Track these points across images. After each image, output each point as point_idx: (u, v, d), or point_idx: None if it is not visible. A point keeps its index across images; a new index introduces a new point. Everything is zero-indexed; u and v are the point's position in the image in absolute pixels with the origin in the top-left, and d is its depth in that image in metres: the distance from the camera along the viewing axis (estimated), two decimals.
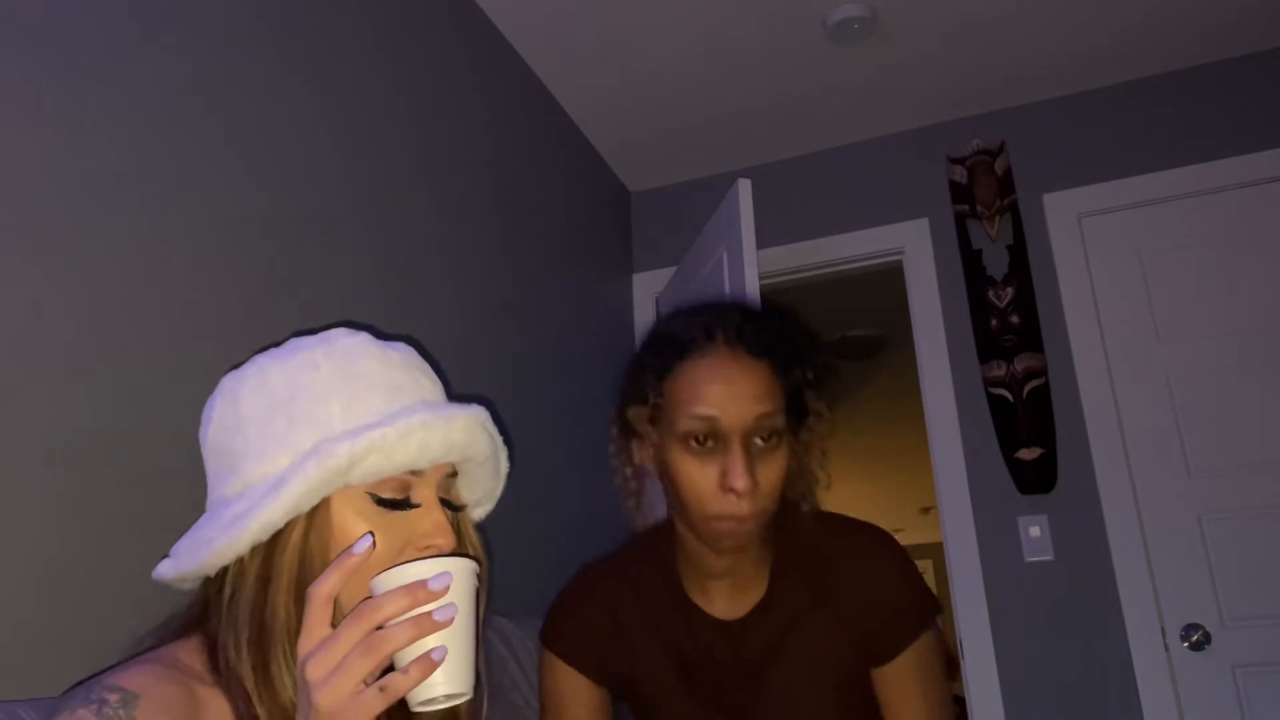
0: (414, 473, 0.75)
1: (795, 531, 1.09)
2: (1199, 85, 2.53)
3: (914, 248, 2.70)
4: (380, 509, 0.73)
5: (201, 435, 0.79)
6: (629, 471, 1.06)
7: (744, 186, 2.23)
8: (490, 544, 0.88)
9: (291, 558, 0.71)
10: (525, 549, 1.88)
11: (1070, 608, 2.33)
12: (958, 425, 2.53)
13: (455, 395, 0.85)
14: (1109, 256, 2.53)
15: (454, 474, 0.80)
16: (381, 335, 0.83)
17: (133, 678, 0.66)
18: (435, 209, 1.83)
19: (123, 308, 1.08)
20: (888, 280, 2.83)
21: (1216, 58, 2.52)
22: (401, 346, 0.82)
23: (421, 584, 0.59)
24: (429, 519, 0.75)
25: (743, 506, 0.93)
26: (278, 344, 0.81)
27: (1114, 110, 2.60)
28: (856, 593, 1.06)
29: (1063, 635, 2.32)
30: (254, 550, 0.71)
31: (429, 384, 0.81)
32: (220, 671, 0.70)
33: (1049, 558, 2.37)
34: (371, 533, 0.69)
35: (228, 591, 0.72)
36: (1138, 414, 2.40)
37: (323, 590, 0.60)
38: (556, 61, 2.36)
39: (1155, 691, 2.20)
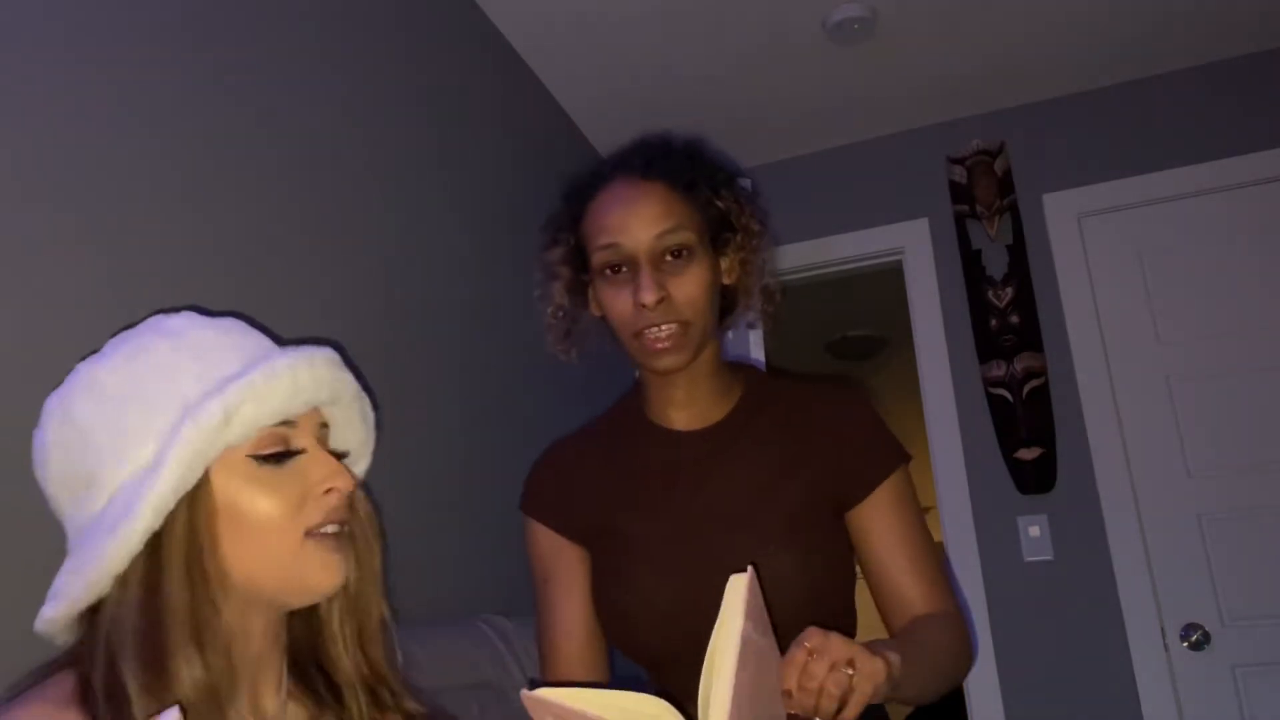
0: (287, 423, 0.72)
1: (767, 380, 1.14)
2: (1199, 85, 2.53)
3: (914, 248, 2.70)
4: (266, 467, 0.70)
5: (40, 476, 0.72)
6: (550, 309, 1.13)
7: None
8: (379, 506, 0.86)
9: (178, 547, 0.66)
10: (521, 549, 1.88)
11: (1070, 608, 2.33)
12: (957, 425, 2.53)
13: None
14: (1109, 256, 2.53)
15: (325, 425, 0.77)
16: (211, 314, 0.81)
17: (13, 714, 0.62)
18: (433, 207, 1.83)
19: (116, 306, 1.08)
20: (888, 280, 2.82)
21: (1216, 58, 2.52)
22: (230, 319, 0.79)
23: None
24: (321, 464, 0.72)
25: (655, 317, 0.98)
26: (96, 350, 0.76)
27: (1114, 110, 2.60)
28: (829, 431, 1.08)
29: (1062, 635, 2.32)
30: (134, 561, 0.66)
31: (268, 342, 0.77)
32: (90, 700, 0.63)
33: (1049, 558, 2.37)
34: (299, 481, 0.65)
35: (108, 605, 0.66)
36: (1138, 414, 2.40)
37: None
38: (554, 60, 2.36)
39: (1155, 691, 2.20)
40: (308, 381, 0.72)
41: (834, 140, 2.85)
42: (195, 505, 0.68)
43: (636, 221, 1.00)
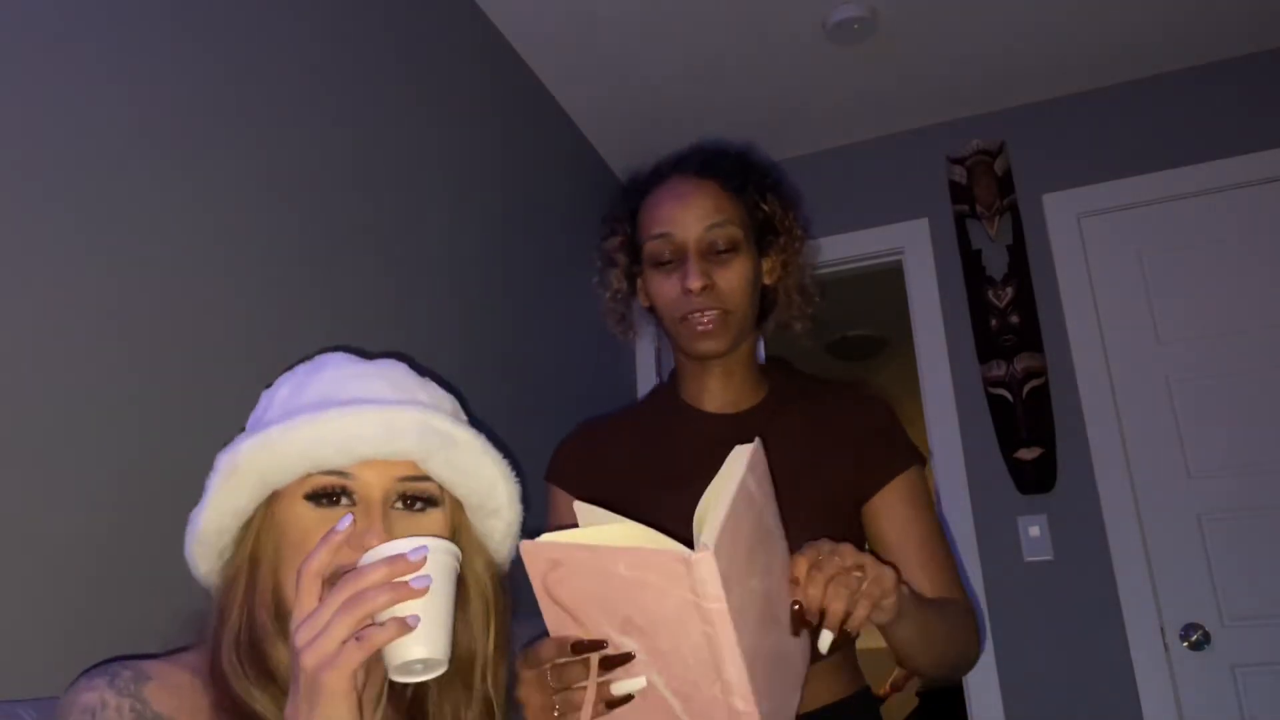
0: (340, 473, 0.74)
1: (795, 374, 1.20)
2: (1199, 85, 2.53)
3: (914, 248, 2.70)
4: (311, 507, 0.74)
5: None
6: (607, 295, 1.20)
7: None
8: (514, 582, 0.85)
9: (244, 558, 0.75)
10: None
11: (1070, 608, 2.33)
12: (957, 425, 2.53)
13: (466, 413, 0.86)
14: (1108, 256, 2.53)
15: (421, 477, 0.78)
16: (376, 354, 0.85)
17: (150, 663, 0.70)
18: (436, 212, 1.83)
19: (132, 312, 1.08)
20: (888, 280, 2.83)
21: (1216, 58, 2.52)
22: (385, 361, 0.83)
23: (400, 556, 0.62)
24: (360, 519, 0.74)
25: (699, 303, 1.05)
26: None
27: (1114, 110, 2.60)
28: (850, 428, 1.12)
29: (1062, 635, 2.32)
30: (231, 556, 0.76)
31: (386, 388, 0.80)
32: (213, 675, 0.72)
33: (1049, 558, 2.37)
34: (353, 513, 0.71)
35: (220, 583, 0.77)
36: (1138, 414, 2.40)
37: (311, 566, 0.63)
38: (556, 62, 2.36)
39: (1154, 691, 2.20)
40: (336, 437, 0.74)
41: (834, 140, 2.85)
42: (263, 528, 0.75)
43: (688, 214, 1.07)
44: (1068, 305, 2.51)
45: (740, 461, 0.71)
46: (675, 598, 0.65)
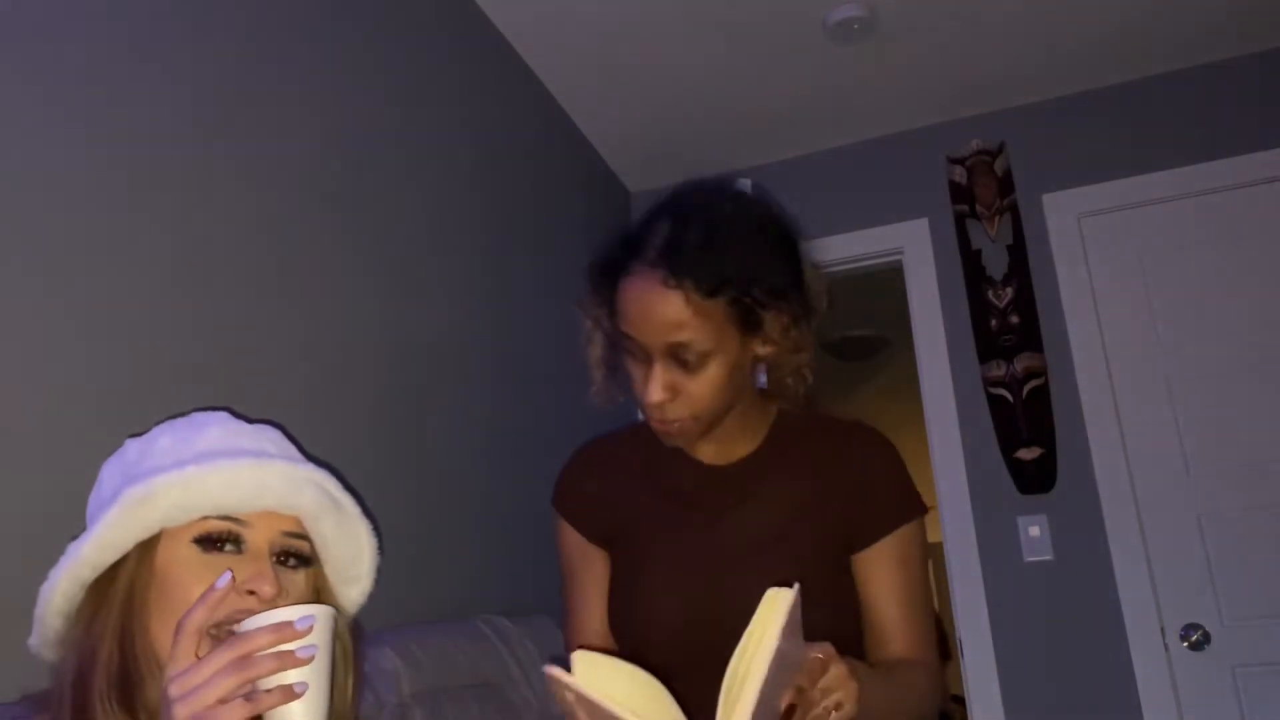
0: (235, 519, 0.75)
1: (794, 417, 1.15)
2: (1199, 85, 2.53)
3: (914, 248, 2.70)
4: (199, 551, 0.74)
5: None
6: (591, 361, 1.15)
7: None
8: (362, 630, 0.87)
9: (116, 597, 0.73)
10: (527, 551, 1.88)
11: (1069, 607, 2.33)
12: (957, 425, 2.53)
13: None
14: (1109, 256, 2.53)
15: (301, 535, 0.80)
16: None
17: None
18: (432, 211, 1.83)
19: (110, 312, 1.08)
20: (888, 280, 2.82)
21: (1216, 58, 2.52)
22: (262, 425, 0.85)
23: (288, 624, 0.64)
24: (251, 566, 0.75)
25: (665, 413, 1.00)
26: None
27: (1114, 110, 2.60)
28: (850, 475, 1.10)
29: (1062, 635, 2.32)
30: (87, 596, 0.73)
31: (273, 448, 0.82)
32: None
33: (1048, 558, 2.37)
34: (231, 570, 0.70)
35: (64, 646, 0.74)
36: (1138, 414, 2.40)
37: (191, 621, 0.64)
38: (556, 62, 2.36)
39: (1155, 691, 2.20)
40: (248, 485, 0.76)
41: (834, 140, 2.85)
42: (139, 569, 0.74)
43: (653, 326, 0.98)
44: (1068, 305, 2.51)
45: (776, 620, 0.69)
46: None
